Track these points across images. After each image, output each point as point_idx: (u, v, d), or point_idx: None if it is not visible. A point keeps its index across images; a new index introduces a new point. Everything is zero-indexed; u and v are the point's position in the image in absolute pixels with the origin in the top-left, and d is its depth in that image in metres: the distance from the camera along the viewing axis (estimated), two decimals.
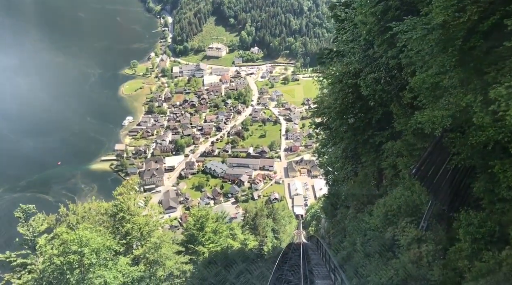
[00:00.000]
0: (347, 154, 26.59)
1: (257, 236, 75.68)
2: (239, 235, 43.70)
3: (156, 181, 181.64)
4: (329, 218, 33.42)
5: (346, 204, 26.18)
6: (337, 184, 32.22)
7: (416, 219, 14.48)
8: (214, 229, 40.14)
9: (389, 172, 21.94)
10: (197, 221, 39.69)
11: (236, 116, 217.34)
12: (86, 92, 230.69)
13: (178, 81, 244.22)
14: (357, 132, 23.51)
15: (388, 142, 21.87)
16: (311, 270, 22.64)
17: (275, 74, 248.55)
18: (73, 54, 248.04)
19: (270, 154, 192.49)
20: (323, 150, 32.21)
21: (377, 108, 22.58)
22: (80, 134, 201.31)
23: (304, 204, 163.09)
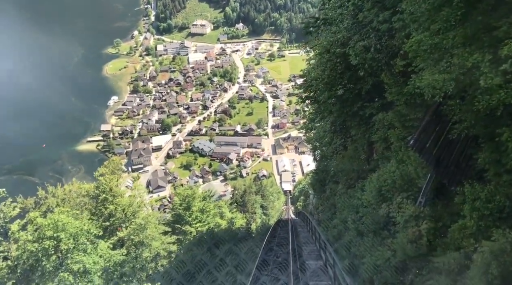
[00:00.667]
0: (335, 128, 25.36)
1: (245, 214, 75.16)
2: (227, 213, 42.64)
3: (143, 161, 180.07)
4: (318, 194, 32.41)
5: (335, 180, 25.10)
6: (326, 159, 31.07)
7: (412, 194, 13.35)
8: (201, 208, 38.97)
9: (380, 145, 20.79)
10: (183, 200, 38.44)
11: (222, 94, 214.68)
12: (69, 73, 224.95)
13: (162, 59, 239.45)
14: (346, 104, 22.20)
15: (379, 114, 20.65)
16: (299, 245, 22.29)
17: (260, 51, 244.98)
18: (55, 34, 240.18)
19: (258, 132, 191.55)
20: (311, 124, 30.98)
21: (367, 78, 21.26)
22: (65, 115, 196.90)
23: (292, 180, 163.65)
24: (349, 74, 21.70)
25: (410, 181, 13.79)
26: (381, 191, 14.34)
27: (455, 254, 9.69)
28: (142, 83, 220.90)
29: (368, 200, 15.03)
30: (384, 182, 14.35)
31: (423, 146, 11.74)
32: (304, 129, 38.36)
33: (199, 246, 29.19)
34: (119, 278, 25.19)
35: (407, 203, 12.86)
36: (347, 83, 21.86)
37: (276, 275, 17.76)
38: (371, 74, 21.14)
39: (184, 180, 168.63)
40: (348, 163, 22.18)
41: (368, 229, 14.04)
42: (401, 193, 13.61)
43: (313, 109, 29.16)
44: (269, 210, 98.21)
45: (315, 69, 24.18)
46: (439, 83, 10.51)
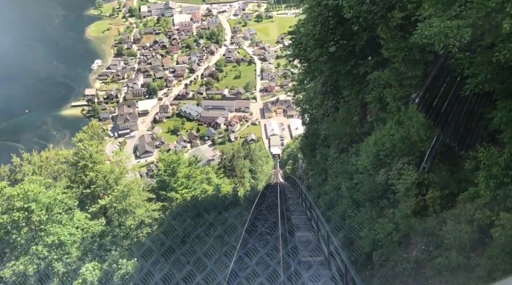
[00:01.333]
0: (327, 88, 23.84)
1: (234, 178, 74.44)
2: (214, 179, 41.41)
3: (130, 125, 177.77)
4: (308, 158, 31.14)
5: (327, 144, 23.81)
6: (316, 122, 29.65)
7: (414, 159, 12.06)
8: (186, 174, 37.67)
9: (374, 106, 19.42)
10: (168, 166, 37.07)
11: (209, 56, 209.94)
12: (50, 35, 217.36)
13: (147, 21, 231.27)
14: (338, 62, 20.62)
15: (374, 72, 19.16)
16: (288, 209, 21.87)
17: (248, 12, 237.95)
18: None
19: (246, 95, 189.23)
20: (300, 86, 29.38)
21: (361, 34, 19.65)
22: (47, 79, 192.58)
23: (281, 144, 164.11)
24: (342, 29, 20.03)
25: (411, 144, 12.47)
26: (379, 155, 13.03)
27: (467, 227, 8.44)
28: (126, 46, 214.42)
29: (364, 165, 13.72)
30: (382, 146, 13.00)
31: (429, 104, 10.31)
32: (293, 92, 36.62)
33: (184, 213, 28.02)
34: (98, 248, 23.99)
35: (409, 169, 11.57)
36: (339, 39, 20.20)
37: (265, 238, 17.13)
38: (366, 29, 19.53)
39: (172, 145, 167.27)
40: (340, 125, 20.81)
41: (365, 197, 12.78)
42: (401, 158, 12.31)
43: (303, 69, 27.47)
44: (258, 174, 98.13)
45: (305, 25, 22.38)
46: (452, 30, 8.95)
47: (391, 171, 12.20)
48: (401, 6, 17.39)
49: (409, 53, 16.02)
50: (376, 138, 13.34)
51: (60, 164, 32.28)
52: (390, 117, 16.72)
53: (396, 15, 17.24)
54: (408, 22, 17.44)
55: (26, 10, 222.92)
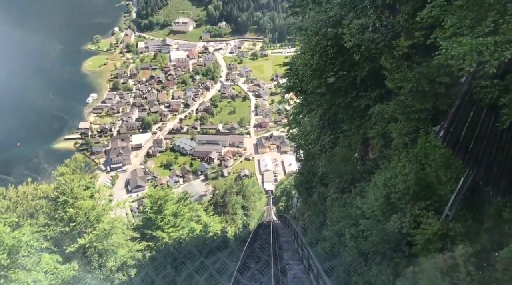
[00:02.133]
0: (324, 122, 22.06)
1: (226, 215, 71.68)
2: (203, 217, 38.89)
3: (122, 159, 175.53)
4: (303, 197, 29.06)
5: (324, 182, 21.85)
6: (312, 158, 27.74)
7: (432, 204, 10.07)
8: (174, 212, 35.20)
9: (377, 142, 17.56)
10: (154, 203, 34.63)
11: (204, 92, 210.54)
12: (47, 69, 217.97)
13: (143, 57, 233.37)
14: (338, 94, 18.89)
15: (377, 105, 17.36)
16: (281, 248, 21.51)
17: (243, 50, 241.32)
18: (32, 29, 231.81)
19: (240, 131, 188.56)
20: (296, 119, 27.64)
21: (363, 64, 18.05)
22: (42, 112, 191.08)
23: (274, 180, 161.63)
24: (341, 59, 18.43)
25: (428, 186, 10.49)
26: (390, 198, 10.99)
27: None
28: (122, 81, 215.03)
29: (372, 209, 11.67)
30: (393, 188, 10.99)
31: (456, 139, 8.42)
32: (287, 126, 34.87)
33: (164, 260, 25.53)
34: None
35: (428, 216, 9.54)
36: (339, 70, 18.56)
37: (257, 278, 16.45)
38: (368, 59, 17.93)
39: (164, 180, 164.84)
40: (340, 163, 18.86)
41: (374, 249, 10.68)
42: (417, 202, 10.29)
43: (298, 102, 25.78)
44: (251, 211, 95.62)
45: (302, 55, 20.83)
46: (488, 47, 7.18)
47: (405, 218, 10.17)
48: (407, 34, 15.88)
49: (417, 84, 14.38)
50: (386, 178, 11.37)
51: (38, 200, 29.81)
52: (396, 154, 14.82)
53: (402, 44, 15.68)
54: (415, 51, 15.84)
55: (24, 44, 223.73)
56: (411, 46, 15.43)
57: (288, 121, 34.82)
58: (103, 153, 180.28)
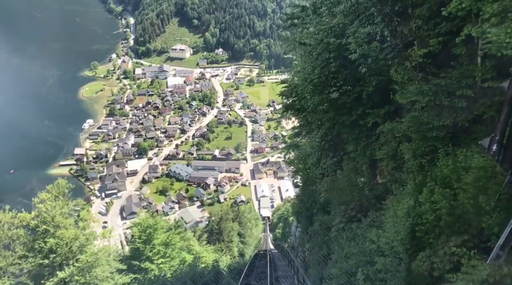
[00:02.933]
0: (326, 143, 20.02)
1: (221, 243, 68.82)
2: (195, 246, 36.26)
3: (118, 186, 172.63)
4: (303, 225, 26.67)
5: (327, 210, 19.66)
6: (312, 183, 25.60)
7: (470, 239, 7.95)
8: (164, 241, 32.72)
9: (387, 165, 15.48)
10: (143, 232, 32.15)
11: (201, 118, 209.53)
12: (43, 95, 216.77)
13: (140, 83, 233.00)
14: (341, 111, 16.91)
15: (386, 123, 15.35)
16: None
17: (240, 76, 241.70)
18: (30, 55, 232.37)
19: (236, 156, 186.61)
20: (294, 141, 25.60)
21: (369, 78, 16.15)
22: (37, 138, 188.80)
23: (271, 206, 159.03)
24: (345, 73, 16.57)
25: (462, 216, 8.35)
26: (415, 232, 8.81)
27: None
28: (118, 106, 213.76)
29: (391, 245, 9.45)
30: (419, 219, 8.81)
31: (510, 155, 6.35)
32: (285, 149, 32.67)
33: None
34: None
35: (470, 256, 7.36)
36: (343, 85, 16.65)
37: None
38: (375, 72, 16.04)
39: (160, 206, 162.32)
40: (345, 188, 16.71)
41: None
42: (450, 236, 8.12)
43: (297, 123, 23.77)
44: (247, 238, 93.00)
45: (302, 70, 18.94)
46: None
47: (436, 257, 7.99)
48: (421, 42, 14.01)
49: (434, 98, 12.43)
50: (409, 206, 9.21)
51: (16, 229, 27.28)
52: (411, 178, 12.76)
53: (415, 53, 13.74)
54: (430, 61, 13.89)
55: (22, 70, 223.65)
56: (425, 55, 13.53)
57: (286, 145, 32.73)
58: (98, 179, 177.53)
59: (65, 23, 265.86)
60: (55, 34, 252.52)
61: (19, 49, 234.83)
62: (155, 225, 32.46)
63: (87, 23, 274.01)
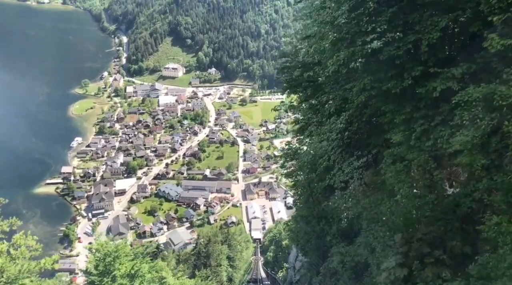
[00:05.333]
0: (349, 135, 12.96)
1: (208, 268, 61.52)
2: (168, 279, 28.43)
3: (105, 205, 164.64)
4: (310, 258, 18.96)
5: (351, 236, 12.59)
6: (319, 199, 18.40)
7: None
8: (129, 272, 25.06)
9: (471, 161, 8.63)
10: (101, 260, 24.57)
11: (192, 137, 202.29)
12: (32, 112, 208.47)
13: (132, 101, 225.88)
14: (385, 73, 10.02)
15: (470, 89, 8.57)
16: None
17: (232, 96, 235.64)
18: (21, 73, 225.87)
19: (228, 176, 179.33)
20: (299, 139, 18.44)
21: (432, 18, 9.50)
22: (24, 156, 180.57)
23: (262, 228, 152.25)
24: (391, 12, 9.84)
25: None
26: None
27: None
28: (108, 125, 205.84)
29: None
30: None
31: None
32: (281, 157, 25.29)
33: None
34: None
35: None
36: (386, 30, 9.90)
37: None
38: (443, 5, 9.33)
39: (148, 227, 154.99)
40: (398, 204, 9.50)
41: None
42: None
43: (302, 113, 16.70)
44: (236, 262, 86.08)
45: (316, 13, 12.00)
46: None
47: None
48: None
49: None
50: None
51: None
52: None
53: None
54: None
55: (12, 87, 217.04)
56: None
57: (283, 153, 25.61)
58: (85, 198, 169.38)
59: (58, 41, 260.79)
60: (47, 51, 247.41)
61: (10, 66, 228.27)
62: (116, 252, 24.89)
63: (80, 41, 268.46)
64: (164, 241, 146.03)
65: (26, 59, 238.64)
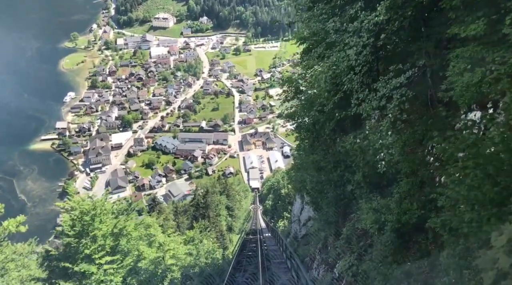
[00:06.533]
0: (386, 35, 8.75)
1: (205, 220, 59.10)
2: (158, 237, 25.08)
3: (102, 160, 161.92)
4: (321, 210, 15.08)
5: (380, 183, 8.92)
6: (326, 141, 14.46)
7: None
8: (111, 231, 21.65)
9: None
10: (77, 220, 21.05)
11: (186, 89, 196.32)
12: (22, 68, 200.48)
13: (123, 53, 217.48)
14: None
15: None
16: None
17: (226, 45, 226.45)
18: (7, 27, 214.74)
19: (224, 128, 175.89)
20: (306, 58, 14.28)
21: None
22: (17, 112, 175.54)
23: (260, 177, 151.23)
24: None
25: None
26: None
27: None
28: (101, 78, 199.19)
29: None
30: None
31: None
32: (283, 83, 20.70)
33: None
34: None
35: None
36: None
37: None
38: None
39: (146, 180, 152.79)
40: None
41: None
42: None
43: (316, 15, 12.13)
44: (236, 211, 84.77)
45: None
46: None
47: None
48: None
49: None
50: None
51: None
52: None
53: None
54: None
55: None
56: None
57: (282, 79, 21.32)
58: (82, 153, 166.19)
59: None
60: (33, 4, 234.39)
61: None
62: (94, 210, 21.31)
63: None
64: (163, 193, 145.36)
65: (11, 12, 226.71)
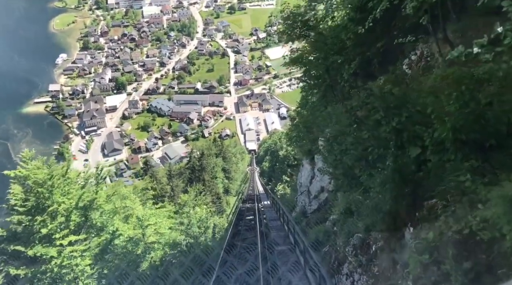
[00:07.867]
0: None
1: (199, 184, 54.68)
2: (136, 209, 20.39)
3: (97, 122, 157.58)
4: (344, 180, 10.14)
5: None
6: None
7: None
8: (75, 205, 17.07)
9: None
10: (31, 192, 16.43)
11: (180, 49, 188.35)
12: (11, 28, 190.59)
13: (114, 13, 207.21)
14: None
15: None
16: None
17: (220, 3, 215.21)
18: None
19: (220, 89, 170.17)
20: None
21: None
22: (8, 75, 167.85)
23: (257, 139, 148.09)
24: None
25: None
26: None
27: None
28: (93, 39, 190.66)
29: None
30: None
31: None
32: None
33: None
34: None
35: None
36: None
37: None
38: None
39: (142, 142, 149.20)
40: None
41: None
42: None
43: None
44: (232, 173, 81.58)
45: None
46: None
47: None
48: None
49: None
50: None
51: None
52: None
53: None
54: None
55: None
56: None
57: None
58: (76, 116, 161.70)
59: None
60: None
61: None
62: (52, 178, 16.59)
63: None
64: (160, 155, 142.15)
65: None
